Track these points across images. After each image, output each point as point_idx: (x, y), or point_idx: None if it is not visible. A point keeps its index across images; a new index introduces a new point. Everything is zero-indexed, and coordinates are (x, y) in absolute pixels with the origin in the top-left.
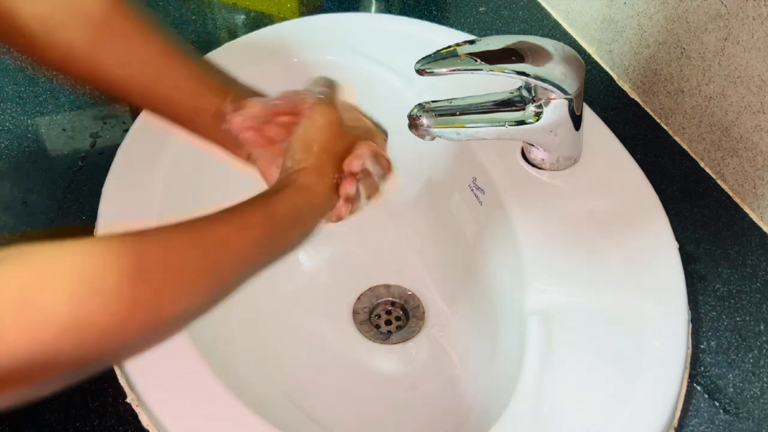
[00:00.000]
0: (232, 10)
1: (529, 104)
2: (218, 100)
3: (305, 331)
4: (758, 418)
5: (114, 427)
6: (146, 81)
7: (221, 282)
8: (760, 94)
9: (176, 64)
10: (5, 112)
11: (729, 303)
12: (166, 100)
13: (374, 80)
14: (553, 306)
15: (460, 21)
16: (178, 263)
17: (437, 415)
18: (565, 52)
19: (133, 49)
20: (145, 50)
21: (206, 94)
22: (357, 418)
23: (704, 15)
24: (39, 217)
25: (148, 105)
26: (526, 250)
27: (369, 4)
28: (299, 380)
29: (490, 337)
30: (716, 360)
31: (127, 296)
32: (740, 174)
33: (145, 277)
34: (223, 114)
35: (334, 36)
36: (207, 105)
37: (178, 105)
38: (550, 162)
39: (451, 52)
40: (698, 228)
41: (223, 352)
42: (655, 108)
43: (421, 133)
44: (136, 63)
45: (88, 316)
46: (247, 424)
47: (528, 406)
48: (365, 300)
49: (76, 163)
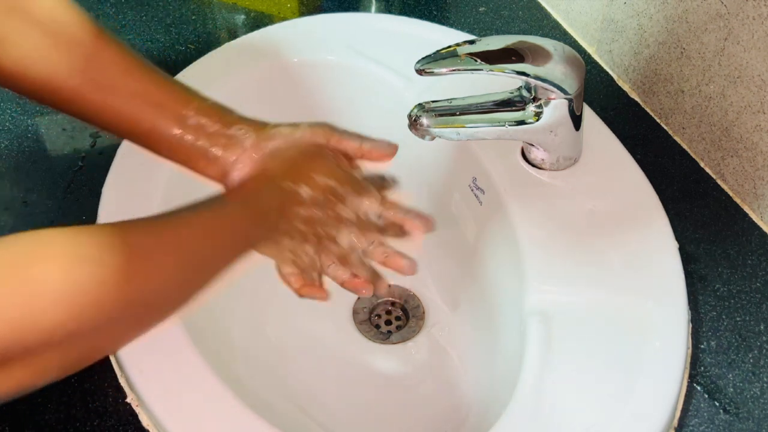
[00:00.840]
0: (232, 10)
1: (529, 104)
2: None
3: (305, 330)
4: (758, 418)
5: (114, 427)
6: (125, 109)
7: (198, 267)
8: (760, 94)
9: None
10: (5, 112)
11: (729, 303)
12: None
13: (374, 80)
14: (553, 306)
15: (460, 21)
16: (158, 240)
17: (437, 415)
18: (565, 52)
19: (112, 79)
20: (127, 81)
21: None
22: (357, 418)
23: (704, 15)
24: (39, 217)
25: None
26: (526, 250)
27: (369, 4)
28: (299, 380)
29: (490, 337)
30: (716, 360)
31: (110, 266)
32: (740, 174)
33: (130, 250)
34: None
35: (334, 36)
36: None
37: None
38: (550, 162)
39: (451, 52)
40: (698, 228)
41: (223, 352)
42: (655, 108)
43: (421, 133)
44: (115, 93)
45: (79, 285)
46: (247, 424)
47: (528, 406)
48: (365, 300)
49: (76, 163)
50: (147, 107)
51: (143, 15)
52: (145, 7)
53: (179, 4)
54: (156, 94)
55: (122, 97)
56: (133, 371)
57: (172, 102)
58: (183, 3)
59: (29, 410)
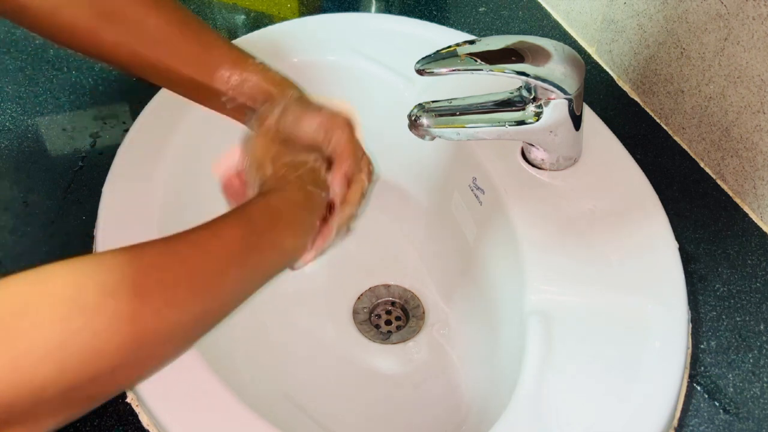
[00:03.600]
0: (232, 10)
1: (529, 104)
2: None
3: (305, 330)
4: (758, 418)
5: (114, 427)
6: (152, 55)
7: (208, 289)
8: (760, 94)
9: (183, 36)
10: (5, 112)
11: (729, 303)
12: (175, 73)
13: (374, 80)
14: (553, 306)
15: (460, 21)
16: (158, 273)
17: (437, 415)
18: (565, 52)
19: (137, 24)
20: (148, 25)
21: (214, 64)
22: (357, 418)
23: (704, 15)
24: (39, 217)
25: (156, 78)
26: (526, 249)
27: (369, 4)
28: (299, 380)
29: (490, 337)
30: (716, 360)
31: (110, 312)
32: (740, 174)
33: (127, 291)
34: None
35: (334, 36)
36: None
37: (187, 78)
38: (550, 162)
39: (451, 52)
40: (698, 228)
41: (224, 351)
42: (655, 108)
43: (421, 133)
44: (140, 38)
45: (71, 337)
46: (247, 424)
47: (528, 406)
48: (365, 300)
49: (76, 163)
50: (183, 59)
51: None
52: None
53: None
54: (194, 48)
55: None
56: None
57: (207, 55)
58: (183, 3)
59: None
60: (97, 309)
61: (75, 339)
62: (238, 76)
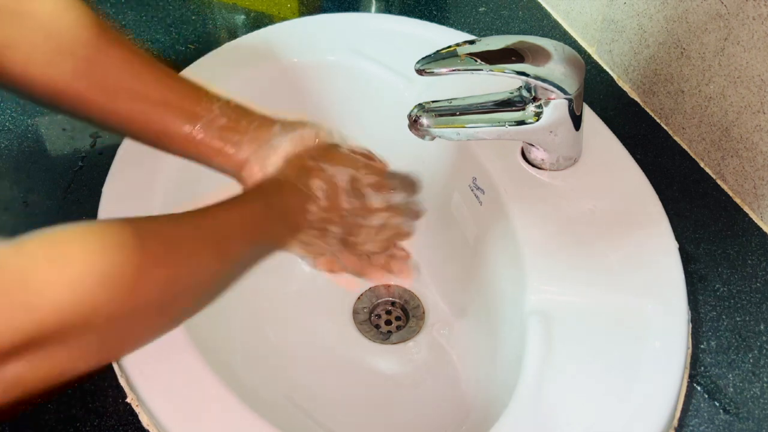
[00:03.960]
0: (232, 10)
1: (529, 104)
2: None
3: (305, 330)
4: (758, 418)
5: (114, 427)
6: (134, 110)
7: (219, 255)
8: (760, 94)
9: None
10: (5, 112)
11: (729, 303)
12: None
13: (374, 80)
14: (553, 306)
15: (460, 21)
16: (175, 234)
17: (437, 415)
18: (565, 52)
19: (118, 80)
20: (132, 82)
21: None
22: (357, 418)
23: (704, 15)
24: (39, 217)
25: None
26: (526, 249)
27: (369, 4)
28: (299, 380)
29: (491, 337)
30: (716, 360)
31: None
32: (740, 174)
33: (145, 247)
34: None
35: (334, 36)
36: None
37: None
38: (550, 162)
39: (451, 52)
40: (698, 228)
41: (224, 352)
42: (655, 108)
43: (421, 133)
44: (122, 94)
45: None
46: (247, 424)
47: (528, 405)
48: (365, 300)
49: (76, 163)
50: (155, 108)
51: (143, 15)
52: (145, 7)
53: (179, 4)
54: (163, 94)
55: (128, 98)
56: (133, 371)
57: (180, 100)
58: (183, 3)
59: (29, 410)
60: (132, 248)
61: (121, 270)
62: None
